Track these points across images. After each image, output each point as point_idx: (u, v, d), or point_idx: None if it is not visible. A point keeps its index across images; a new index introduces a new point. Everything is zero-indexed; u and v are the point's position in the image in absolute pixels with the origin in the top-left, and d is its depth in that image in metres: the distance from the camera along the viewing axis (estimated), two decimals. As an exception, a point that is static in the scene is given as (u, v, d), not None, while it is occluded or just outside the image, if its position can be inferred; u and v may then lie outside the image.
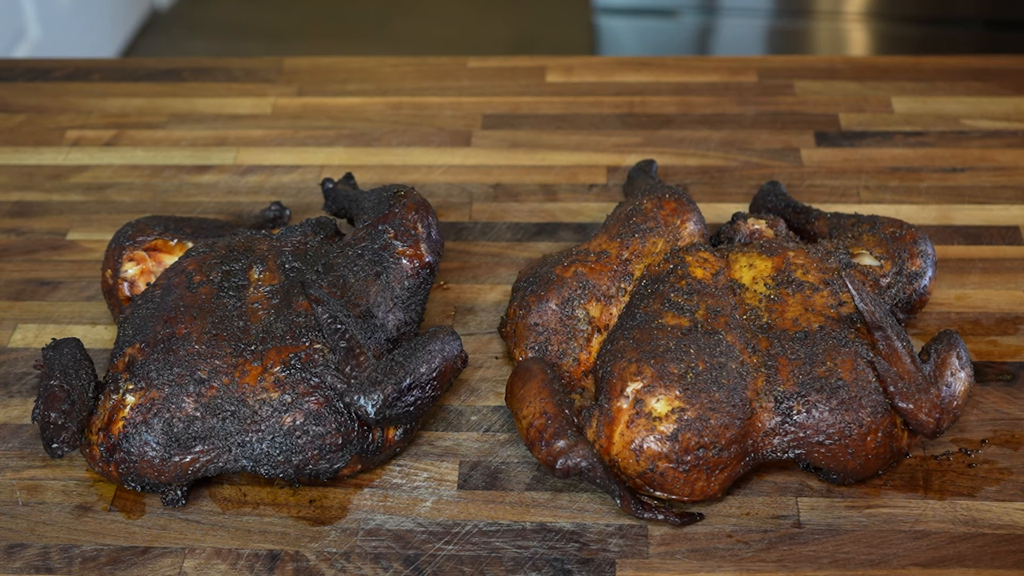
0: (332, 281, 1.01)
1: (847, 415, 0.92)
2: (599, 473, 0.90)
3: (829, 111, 1.40)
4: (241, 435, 0.93)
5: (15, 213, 1.28)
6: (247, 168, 1.34)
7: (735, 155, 1.33)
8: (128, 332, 0.99)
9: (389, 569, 0.90)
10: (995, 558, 0.90)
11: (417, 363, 0.94)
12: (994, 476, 0.96)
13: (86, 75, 1.51)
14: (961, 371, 0.95)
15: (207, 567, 0.91)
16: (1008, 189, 1.27)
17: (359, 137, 1.39)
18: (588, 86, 1.46)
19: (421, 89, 1.47)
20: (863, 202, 1.26)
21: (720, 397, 0.91)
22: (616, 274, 1.04)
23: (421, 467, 0.98)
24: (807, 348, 0.95)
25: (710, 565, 0.90)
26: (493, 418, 1.02)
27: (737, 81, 1.46)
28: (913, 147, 1.34)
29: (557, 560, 0.91)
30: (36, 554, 0.92)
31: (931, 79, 1.45)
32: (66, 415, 0.93)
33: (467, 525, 0.93)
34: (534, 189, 1.29)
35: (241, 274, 1.02)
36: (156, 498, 0.96)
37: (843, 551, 0.91)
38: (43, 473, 0.99)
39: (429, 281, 1.06)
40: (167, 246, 1.08)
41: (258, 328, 0.98)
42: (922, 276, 1.05)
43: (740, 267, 1.03)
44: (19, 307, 1.15)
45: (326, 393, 0.93)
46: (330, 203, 1.19)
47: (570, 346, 1.01)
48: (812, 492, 0.95)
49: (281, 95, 1.46)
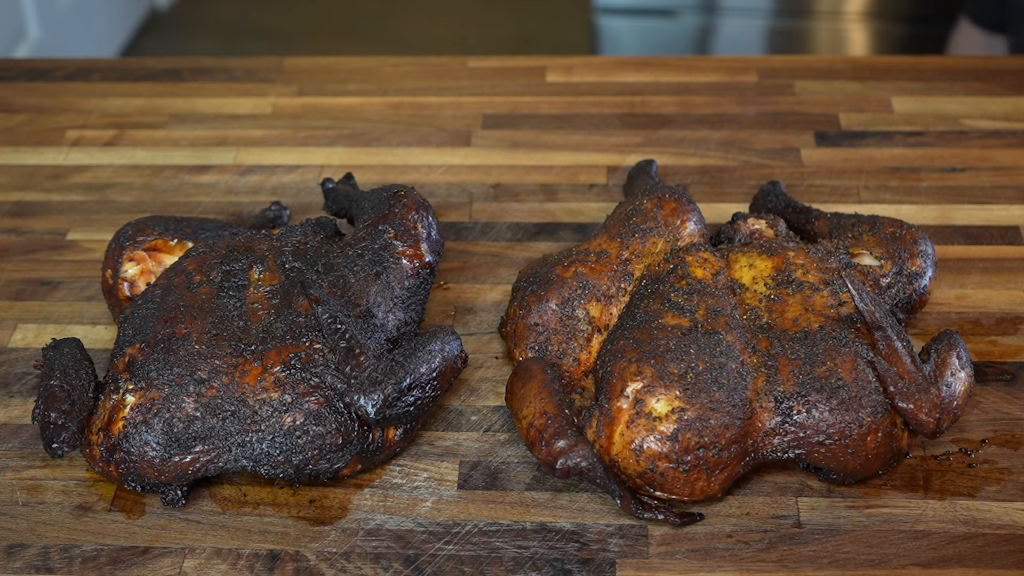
0: (332, 281, 1.01)
1: (847, 415, 0.92)
2: (599, 473, 0.90)
3: (829, 111, 1.40)
4: (241, 435, 0.93)
5: (15, 213, 1.28)
6: (247, 168, 1.34)
7: (735, 155, 1.33)
8: (128, 332, 0.99)
9: (389, 569, 0.90)
10: (995, 558, 0.90)
11: (417, 363, 0.94)
12: (994, 476, 0.96)
13: (86, 75, 1.51)
14: (961, 371, 0.95)
15: (207, 567, 0.91)
16: (1008, 189, 1.27)
17: (359, 137, 1.39)
18: (588, 86, 1.46)
19: (421, 89, 1.47)
20: (863, 202, 1.26)
21: (720, 397, 0.91)
22: (616, 274, 1.04)
23: (421, 467, 0.98)
24: (807, 348, 0.95)
25: (710, 565, 0.90)
26: (493, 418, 1.02)
27: (737, 81, 1.46)
28: (913, 147, 1.34)
29: (557, 560, 0.91)
30: (36, 554, 0.92)
31: (931, 79, 1.45)
32: (66, 415, 0.94)
33: (467, 525, 0.93)
34: (534, 189, 1.29)
35: (241, 274, 1.02)
36: (156, 498, 0.96)
37: (843, 551, 0.91)
38: (43, 473, 0.99)
39: (429, 281, 1.06)
40: (167, 246, 1.08)
41: (258, 328, 0.98)
42: (922, 276, 1.05)
43: (740, 267, 1.03)
44: (19, 307, 1.15)
45: (326, 393, 0.93)
46: (330, 203, 1.19)
47: (570, 346, 1.01)
48: (812, 492, 0.95)
49: (281, 95, 1.46)
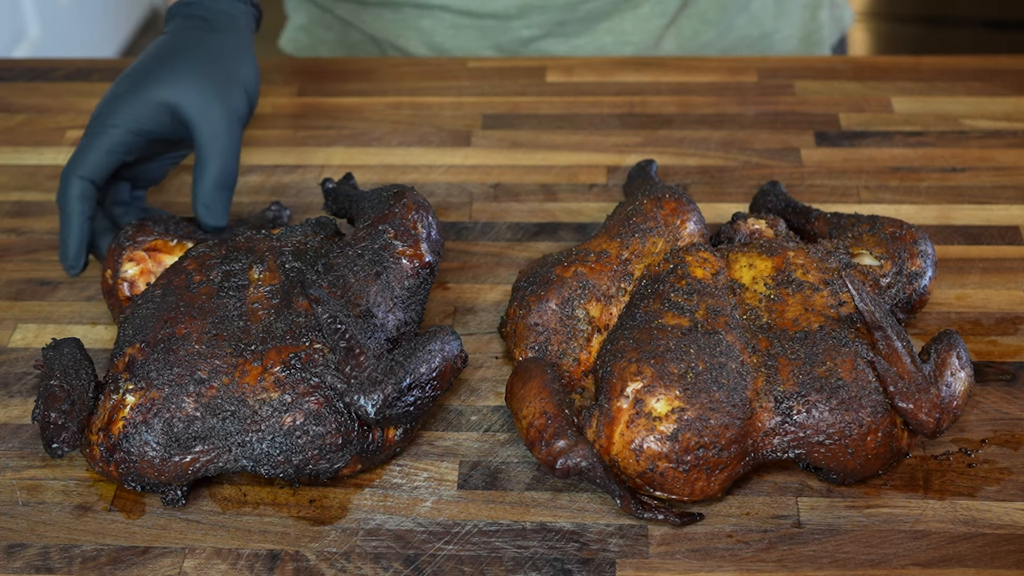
0: (332, 281, 1.01)
1: (847, 415, 0.92)
2: (599, 473, 0.90)
3: (829, 111, 1.40)
4: (241, 435, 0.93)
5: (15, 213, 1.28)
6: (247, 168, 1.34)
7: (735, 155, 1.33)
8: (128, 332, 0.99)
9: (389, 569, 0.90)
10: (995, 558, 0.90)
11: (417, 363, 0.94)
12: (994, 476, 0.96)
13: (86, 75, 1.51)
14: (961, 371, 0.95)
15: (207, 567, 0.91)
16: (1008, 189, 1.27)
17: (359, 137, 1.39)
18: (588, 86, 1.46)
19: (421, 89, 1.47)
20: (863, 202, 1.26)
21: (720, 397, 0.91)
22: (616, 274, 1.04)
23: (421, 467, 0.98)
24: (807, 348, 0.95)
25: (710, 565, 0.90)
26: (493, 418, 1.02)
27: (737, 81, 1.46)
28: (913, 147, 1.34)
29: (557, 560, 0.91)
30: (36, 554, 0.92)
31: (931, 79, 1.45)
32: (66, 415, 0.94)
33: (467, 525, 0.93)
34: (534, 189, 1.29)
35: (241, 274, 1.02)
36: (156, 498, 0.96)
37: (843, 551, 0.91)
38: (43, 473, 0.99)
39: (429, 281, 1.06)
40: (167, 246, 1.08)
41: (258, 328, 0.98)
42: (922, 276, 1.05)
43: (740, 267, 1.03)
44: (19, 307, 1.16)
45: (326, 393, 0.93)
46: (330, 203, 1.19)
47: (570, 346, 1.01)
48: (812, 492, 0.95)
49: (281, 95, 1.46)
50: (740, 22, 1.56)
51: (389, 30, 1.56)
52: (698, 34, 1.55)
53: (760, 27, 1.57)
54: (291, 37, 1.66)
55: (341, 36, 1.61)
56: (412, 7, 1.53)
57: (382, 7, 1.55)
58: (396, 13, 1.55)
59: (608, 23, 1.50)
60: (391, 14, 1.55)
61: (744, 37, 1.57)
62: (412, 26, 1.54)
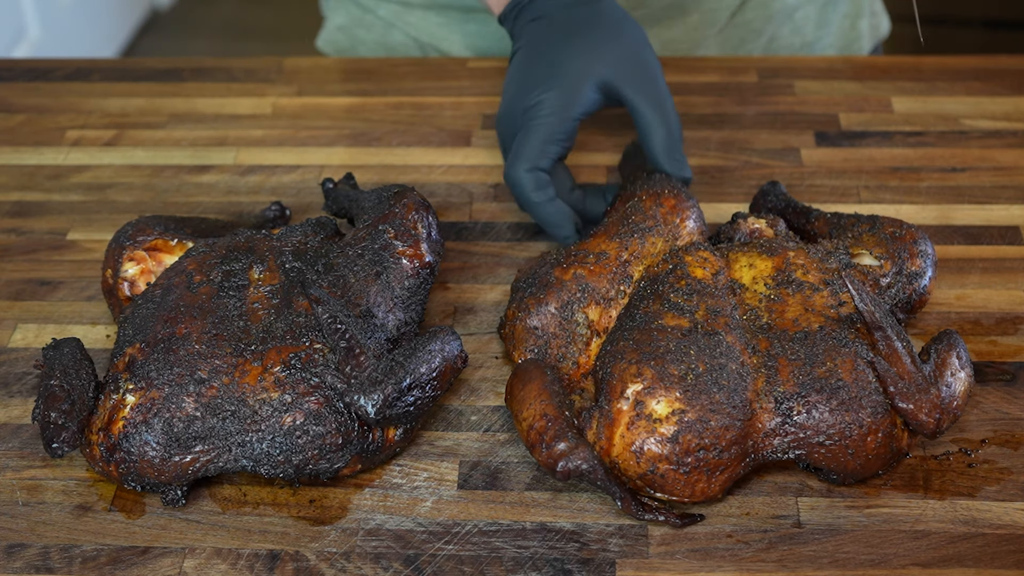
0: (332, 281, 1.01)
1: (847, 415, 0.92)
2: (600, 475, 0.90)
3: (829, 111, 1.40)
4: (241, 435, 0.93)
5: (15, 213, 1.28)
6: (247, 168, 1.34)
7: (735, 155, 1.33)
8: (128, 332, 0.99)
9: (389, 569, 0.90)
10: (995, 558, 0.90)
11: (417, 363, 0.94)
12: (994, 476, 0.96)
13: (86, 75, 1.51)
14: (961, 371, 0.95)
15: (207, 567, 0.91)
16: (1008, 189, 1.27)
17: (359, 137, 1.39)
18: (588, 86, 1.46)
19: (421, 89, 1.47)
20: (863, 202, 1.26)
21: (720, 398, 0.91)
22: (615, 276, 1.04)
23: (421, 467, 0.98)
24: (807, 348, 0.95)
25: (710, 565, 0.90)
26: (493, 418, 1.02)
27: (737, 81, 1.46)
28: (913, 147, 1.34)
29: (557, 560, 0.91)
30: (36, 554, 0.92)
31: (931, 79, 1.45)
32: (66, 415, 0.94)
33: (467, 525, 0.93)
34: (534, 189, 1.29)
35: (241, 274, 1.02)
36: (156, 498, 0.96)
37: (843, 551, 0.91)
38: (43, 473, 0.99)
39: (429, 281, 1.06)
40: (167, 246, 1.08)
41: (258, 328, 0.98)
42: (922, 276, 1.05)
43: (740, 267, 1.03)
44: (19, 307, 1.15)
45: (326, 393, 0.93)
46: (330, 203, 1.19)
47: (569, 350, 1.01)
48: (812, 492, 0.95)
49: (281, 95, 1.46)
50: (784, 31, 1.56)
51: (433, 33, 1.56)
52: (744, 42, 1.55)
53: (802, 36, 1.56)
54: (329, 38, 1.65)
55: (382, 37, 1.60)
56: (458, 10, 1.53)
57: (427, 9, 1.55)
58: (441, 16, 1.54)
59: (658, 29, 1.50)
60: (436, 16, 1.54)
61: (787, 46, 1.57)
62: (457, 30, 1.54)
